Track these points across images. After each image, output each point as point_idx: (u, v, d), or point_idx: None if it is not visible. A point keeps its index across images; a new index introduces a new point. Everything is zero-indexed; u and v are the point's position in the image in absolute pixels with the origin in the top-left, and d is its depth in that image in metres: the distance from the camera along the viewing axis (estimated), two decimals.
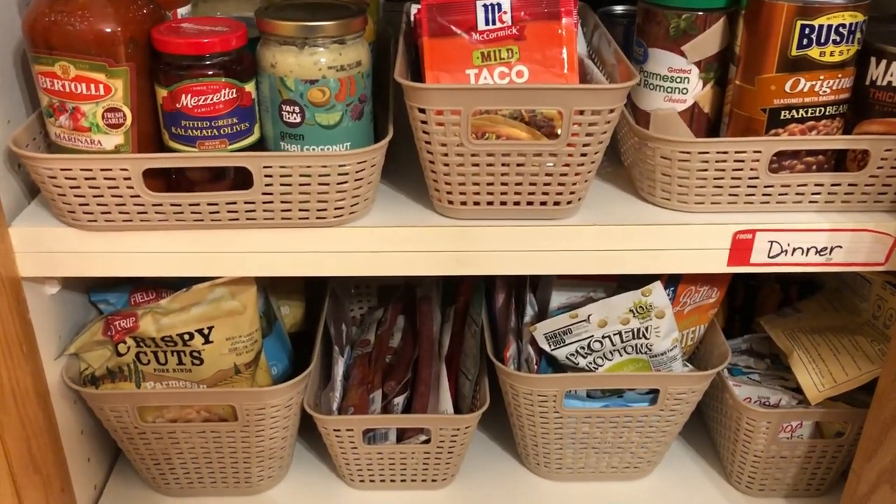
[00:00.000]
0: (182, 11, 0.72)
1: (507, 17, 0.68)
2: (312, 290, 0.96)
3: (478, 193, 0.67)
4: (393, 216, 0.70)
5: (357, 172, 0.65)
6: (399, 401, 0.88)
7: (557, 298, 0.85)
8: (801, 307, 0.92)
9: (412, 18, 0.75)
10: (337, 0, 0.68)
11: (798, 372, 0.82)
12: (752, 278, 1.01)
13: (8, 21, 0.69)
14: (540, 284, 0.90)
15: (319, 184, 0.64)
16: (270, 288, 0.90)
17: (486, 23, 0.68)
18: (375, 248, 0.68)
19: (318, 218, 0.67)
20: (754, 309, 0.98)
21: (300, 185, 0.64)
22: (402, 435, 0.86)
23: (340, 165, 0.64)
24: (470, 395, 0.88)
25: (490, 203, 0.68)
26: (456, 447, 0.84)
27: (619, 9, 0.91)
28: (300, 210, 0.66)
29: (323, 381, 0.90)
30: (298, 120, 0.64)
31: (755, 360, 0.90)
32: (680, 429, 0.87)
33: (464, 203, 0.68)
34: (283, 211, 0.66)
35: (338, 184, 0.65)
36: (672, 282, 0.81)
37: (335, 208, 0.66)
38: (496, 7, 0.67)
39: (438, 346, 0.93)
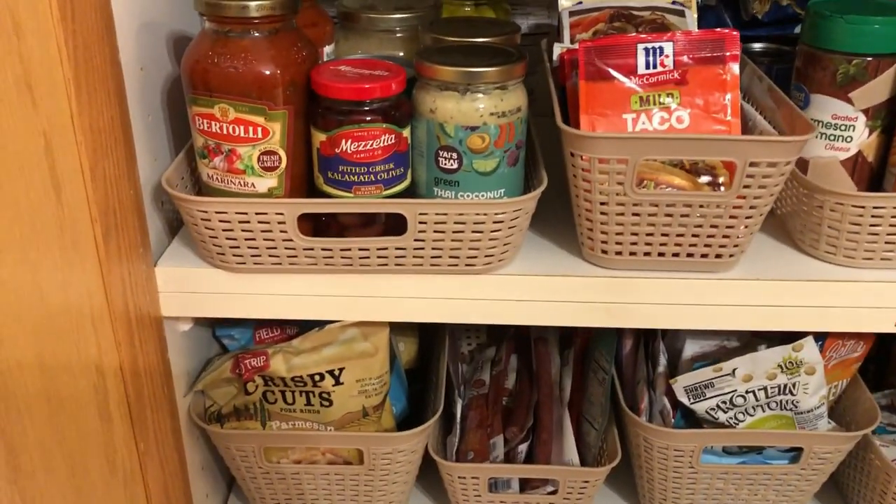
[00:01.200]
0: (327, 51, 0.71)
1: (669, 62, 0.65)
2: (423, 325, 0.94)
3: (635, 244, 0.65)
4: (540, 264, 0.67)
5: (512, 220, 0.63)
6: (523, 448, 0.85)
7: (691, 347, 0.82)
8: None
9: (557, 58, 0.73)
10: (494, 43, 0.66)
11: None
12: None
13: (159, 58, 0.69)
14: (669, 332, 0.86)
15: (473, 231, 0.63)
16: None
17: (647, 66, 0.65)
18: (524, 296, 0.66)
19: (467, 265, 0.65)
20: (889, 359, 0.94)
21: (454, 232, 0.63)
22: (526, 484, 0.83)
23: (497, 213, 0.62)
24: (596, 446, 0.84)
25: (647, 254, 0.65)
26: (583, 500, 0.81)
27: (756, 46, 0.88)
28: (450, 257, 0.64)
29: (442, 423, 0.88)
30: (455, 166, 0.62)
31: None
32: (818, 489, 0.82)
33: (619, 253, 0.65)
34: (433, 258, 0.64)
35: (492, 231, 0.63)
36: (821, 335, 0.76)
37: (486, 255, 0.64)
38: (658, 51, 0.65)
39: (559, 390, 0.90)
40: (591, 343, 0.93)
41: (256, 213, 0.62)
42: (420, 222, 0.62)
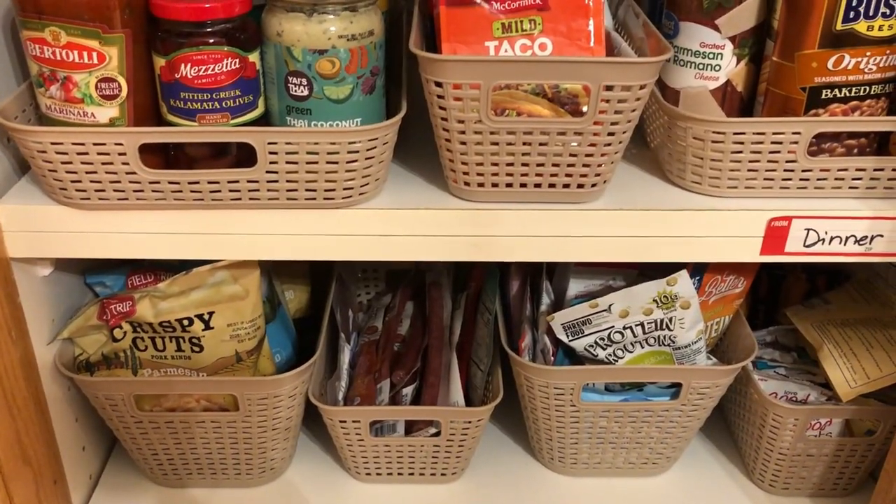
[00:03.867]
0: None
1: None
2: (318, 274, 0.92)
3: (496, 174, 0.63)
4: (405, 198, 0.65)
5: (368, 150, 0.61)
6: (408, 391, 0.84)
7: (575, 286, 0.81)
8: (830, 298, 0.87)
9: None
10: None
11: (828, 367, 0.77)
12: (778, 268, 0.96)
13: None
14: (556, 271, 0.85)
15: (328, 162, 0.60)
16: (274, 271, 0.86)
17: None
18: (386, 231, 0.64)
19: (325, 199, 0.62)
20: (779, 300, 0.94)
21: (307, 163, 0.60)
22: (411, 427, 0.82)
23: (350, 143, 0.60)
24: (482, 387, 0.84)
25: (509, 185, 0.64)
26: (467, 441, 0.81)
27: None
28: (307, 190, 0.62)
29: (328, 370, 0.86)
30: (306, 93, 0.60)
31: (780, 354, 0.86)
32: (701, 424, 0.83)
33: (481, 185, 0.64)
34: (288, 191, 0.62)
35: (347, 162, 0.61)
36: (698, 270, 0.76)
37: (344, 188, 0.62)
38: None
39: (449, 334, 0.89)
40: (484, 286, 0.92)
41: (94, 144, 0.59)
42: (270, 153, 0.59)
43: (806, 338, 0.82)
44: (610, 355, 0.78)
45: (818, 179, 0.65)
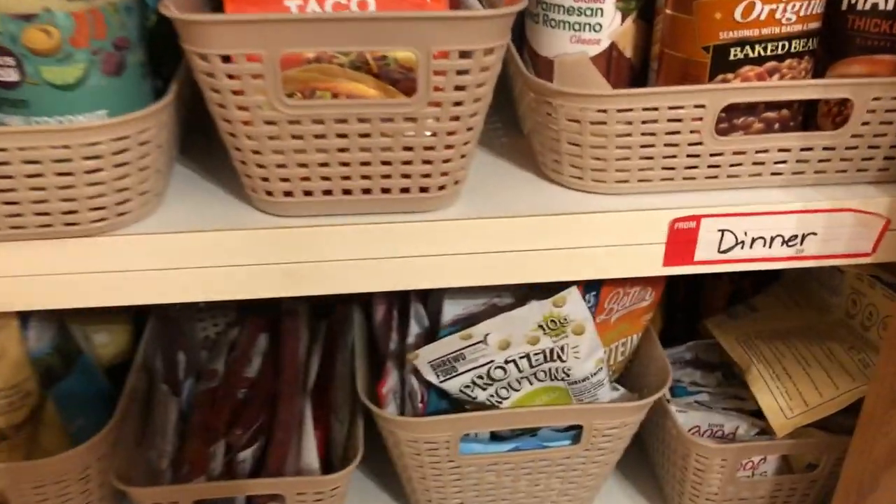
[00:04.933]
0: None
1: None
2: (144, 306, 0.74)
3: (308, 179, 0.46)
4: (192, 217, 0.48)
5: (119, 154, 0.44)
6: (246, 455, 0.67)
7: (451, 310, 0.65)
8: (757, 304, 0.74)
9: None
10: None
11: (759, 393, 0.63)
12: None
13: None
14: (432, 291, 0.70)
15: (59, 174, 0.43)
16: (71, 311, 0.67)
17: None
18: (158, 264, 0.47)
19: (66, 224, 0.45)
20: (699, 305, 0.80)
21: (27, 176, 0.43)
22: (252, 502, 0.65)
23: (89, 145, 0.42)
24: (343, 444, 0.67)
25: (328, 192, 0.47)
26: None
27: None
28: (36, 214, 0.44)
29: (139, 432, 0.69)
30: (16, 78, 0.42)
31: (703, 374, 0.72)
32: (611, 469, 0.68)
33: (289, 193, 0.47)
34: (9, 216, 0.44)
35: (88, 172, 0.43)
36: (593, 285, 0.61)
37: (91, 209, 0.45)
38: None
39: (304, 376, 0.73)
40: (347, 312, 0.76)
41: None
42: None
43: (731, 356, 0.68)
44: (492, 396, 0.62)
45: (731, 166, 0.50)
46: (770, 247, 0.51)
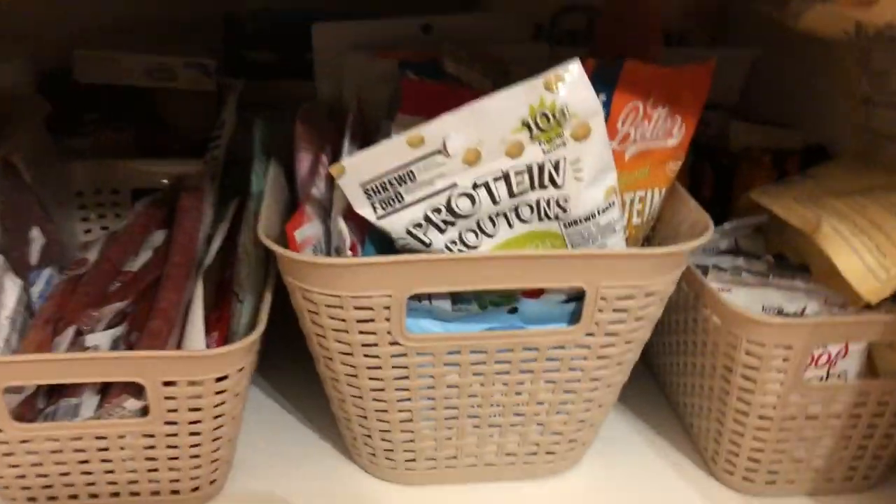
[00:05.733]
0: None
1: None
2: None
3: None
4: None
5: None
6: (99, 341, 0.47)
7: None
8: (816, 172, 0.55)
9: None
10: None
11: (836, 254, 0.44)
12: (724, 153, 0.64)
13: None
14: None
15: None
16: None
17: None
18: None
19: None
20: (731, 201, 0.62)
21: None
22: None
23: None
24: (240, 328, 0.47)
25: None
26: (204, 425, 0.44)
27: None
28: None
29: None
30: None
31: (747, 261, 0.53)
32: (625, 377, 0.48)
33: None
34: None
35: None
36: (604, 76, 0.43)
37: None
38: None
39: (202, 257, 0.53)
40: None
41: None
42: None
43: (788, 220, 0.49)
44: (454, 243, 0.43)
45: None
46: None
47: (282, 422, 0.56)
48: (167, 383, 0.42)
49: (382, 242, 0.44)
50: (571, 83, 0.39)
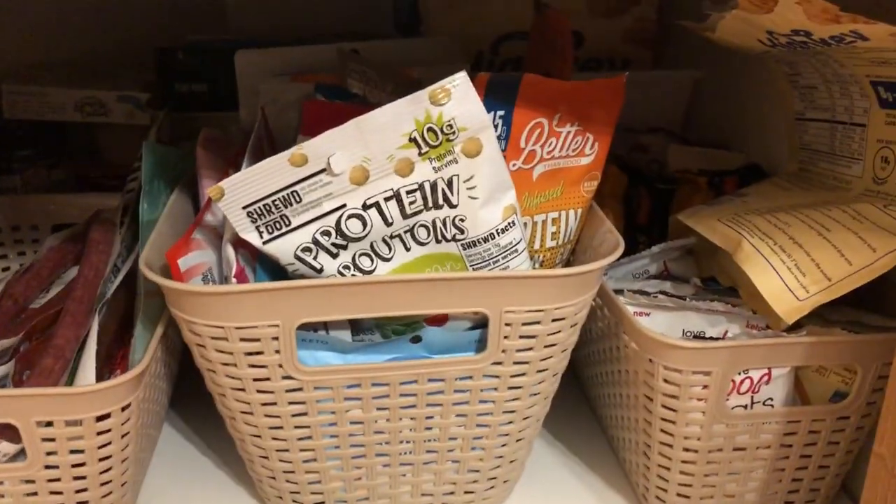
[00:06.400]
0: None
1: None
2: None
3: None
4: None
5: None
6: None
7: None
8: (747, 191, 0.53)
9: None
10: None
11: (755, 272, 0.42)
12: (663, 178, 0.62)
13: None
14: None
15: None
16: None
17: None
18: None
19: None
20: (668, 225, 0.60)
21: None
22: None
23: None
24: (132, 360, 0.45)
25: None
26: (90, 462, 0.41)
27: None
28: None
29: None
30: None
31: (674, 285, 0.50)
32: (543, 408, 0.46)
33: None
34: None
35: None
36: (501, 91, 0.41)
37: None
38: None
39: (103, 292, 0.51)
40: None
41: None
42: None
43: (712, 240, 0.46)
44: (346, 268, 0.41)
45: None
46: None
47: (192, 462, 0.53)
48: (45, 423, 0.40)
49: (276, 270, 0.42)
50: (458, 96, 0.37)
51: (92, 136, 0.78)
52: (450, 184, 0.39)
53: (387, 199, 0.39)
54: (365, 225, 0.39)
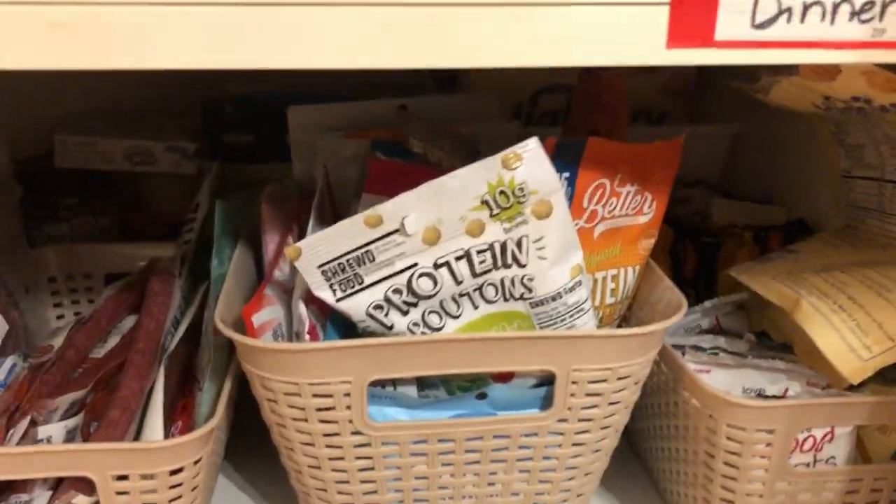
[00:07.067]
0: None
1: None
2: None
3: None
4: None
5: None
6: (52, 432, 0.45)
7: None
8: (798, 247, 0.54)
9: None
10: None
11: (816, 332, 0.43)
12: (706, 231, 0.63)
13: None
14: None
15: None
16: None
17: None
18: None
19: None
20: (715, 279, 0.60)
21: None
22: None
23: None
24: (203, 416, 0.45)
25: None
26: None
27: None
28: None
29: None
30: None
31: (728, 340, 0.51)
32: (604, 463, 0.46)
33: None
34: None
35: None
36: (567, 154, 0.42)
37: None
38: None
39: (164, 344, 0.52)
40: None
41: None
42: None
43: (767, 298, 0.47)
44: (416, 325, 0.41)
45: None
46: (832, 20, 0.33)
47: None
48: (119, 477, 0.40)
49: (346, 327, 0.43)
50: (529, 160, 0.38)
51: (135, 184, 0.80)
52: (519, 244, 0.40)
53: (457, 259, 0.40)
54: (435, 283, 0.40)
